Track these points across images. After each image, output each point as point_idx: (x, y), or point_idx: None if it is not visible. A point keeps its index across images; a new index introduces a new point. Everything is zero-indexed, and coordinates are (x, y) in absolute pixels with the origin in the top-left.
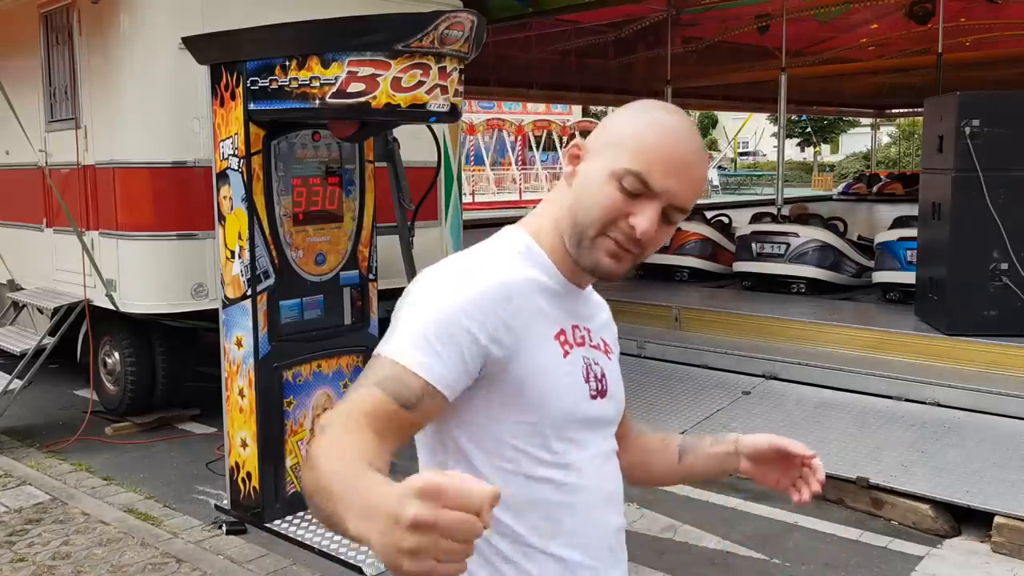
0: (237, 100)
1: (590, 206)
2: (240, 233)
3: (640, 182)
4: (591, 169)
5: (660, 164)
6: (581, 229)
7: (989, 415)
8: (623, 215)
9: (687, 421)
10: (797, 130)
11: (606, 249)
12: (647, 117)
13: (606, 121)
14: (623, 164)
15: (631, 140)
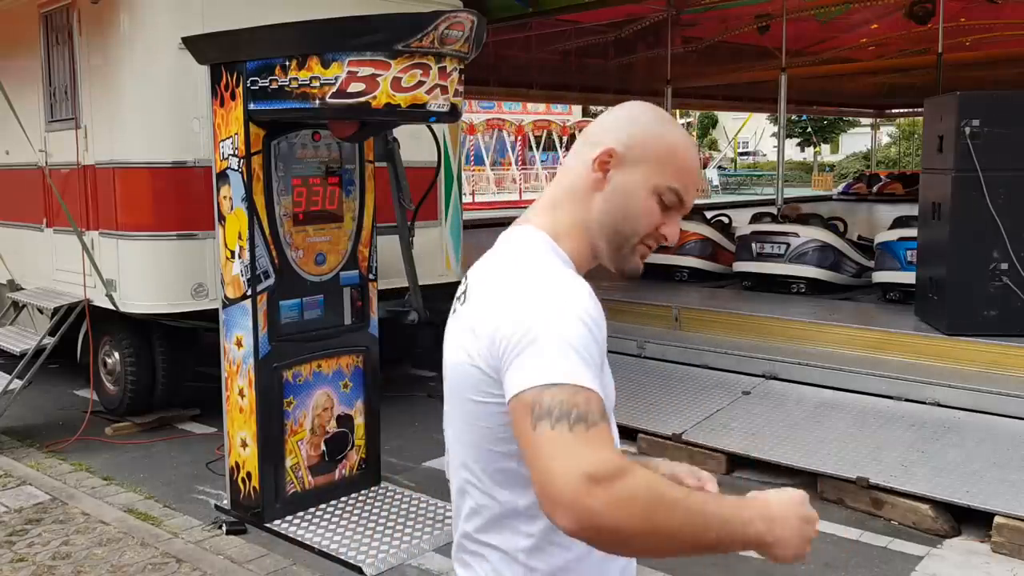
0: (237, 100)
1: (635, 217)
2: (240, 233)
3: (678, 198)
4: (630, 180)
5: (692, 183)
6: (624, 238)
7: (989, 415)
8: (658, 225)
9: (687, 421)
10: (797, 130)
11: (641, 254)
12: (676, 133)
13: (632, 130)
14: (667, 182)
15: (672, 159)
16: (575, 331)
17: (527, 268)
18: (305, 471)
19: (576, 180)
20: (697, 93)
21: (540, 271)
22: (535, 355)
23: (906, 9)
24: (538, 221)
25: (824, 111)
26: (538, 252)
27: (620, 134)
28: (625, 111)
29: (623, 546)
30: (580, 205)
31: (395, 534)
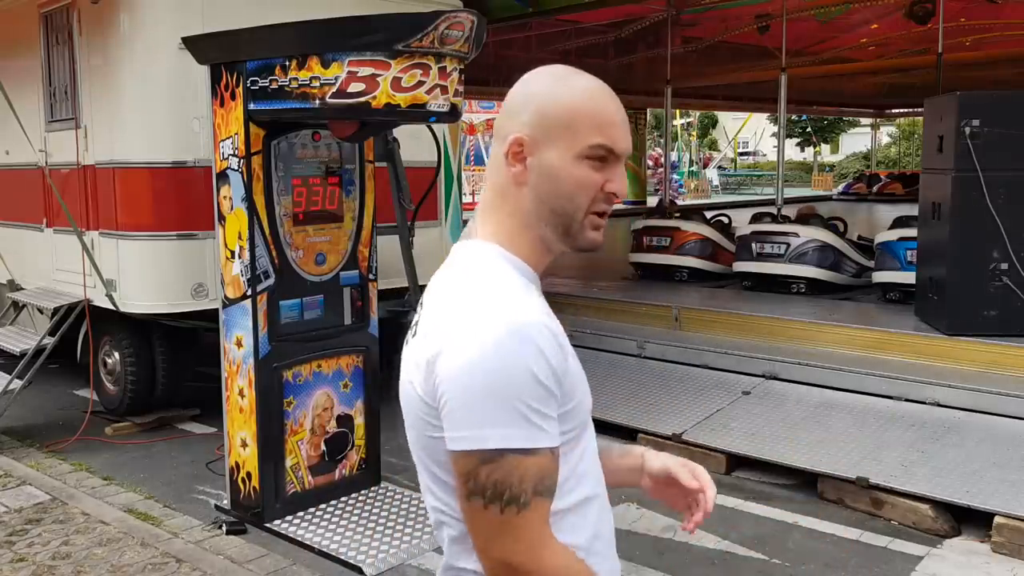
0: (237, 100)
1: (571, 193)
2: (240, 233)
3: (606, 151)
4: (550, 160)
5: (614, 128)
6: (568, 218)
7: (989, 415)
8: (600, 187)
9: (687, 421)
10: (797, 130)
11: (593, 225)
12: (575, 89)
13: (531, 107)
14: (587, 142)
15: (581, 117)
16: (519, 381)
17: (473, 299)
18: (305, 471)
19: (500, 180)
20: (697, 93)
21: (487, 302)
22: (474, 410)
23: (906, 9)
24: (484, 231)
25: (824, 111)
26: (487, 274)
27: (521, 117)
28: (519, 88)
29: None
30: (513, 204)
31: (395, 534)
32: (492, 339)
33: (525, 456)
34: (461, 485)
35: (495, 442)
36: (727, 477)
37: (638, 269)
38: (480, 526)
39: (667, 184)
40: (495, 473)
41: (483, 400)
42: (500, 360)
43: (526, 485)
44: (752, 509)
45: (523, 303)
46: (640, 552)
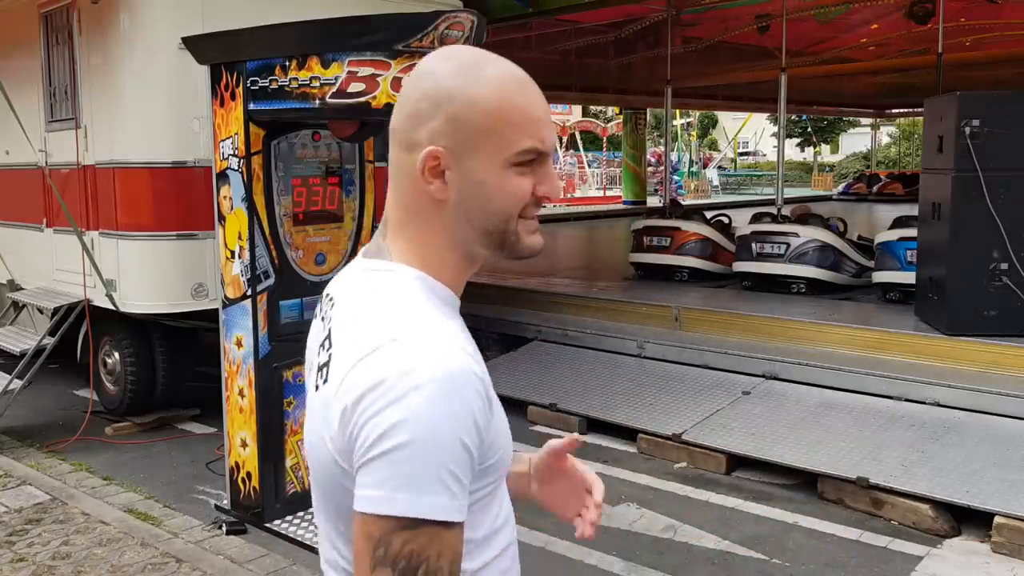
0: (237, 100)
1: (501, 204)
2: (240, 233)
3: (534, 153)
4: (474, 171)
5: (541, 125)
6: (500, 231)
7: (989, 415)
8: (530, 191)
9: (687, 421)
10: (797, 130)
11: (528, 230)
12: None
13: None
14: (515, 147)
15: (507, 119)
16: (450, 442)
17: (395, 347)
18: (305, 471)
19: (412, 197)
20: (697, 93)
21: (411, 351)
22: (397, 472)
23: (906, 9)
24: (397, 253)
25: (824, 111)
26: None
27: (433, 123)
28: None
29: None
30: (432, 222)
31: None
32: (420, 396)
33: (445, 530)
34: (367, 551)
35: (417, 510)
36: (727, 477)
37: (638, 269)
38: None
39: (668, 184)
40: (411, 543)
41: (409, 463)
42: (428, 420)
43: (443, 562)
44: (752, 509)
45: (451, 349)
46: (640, 552)
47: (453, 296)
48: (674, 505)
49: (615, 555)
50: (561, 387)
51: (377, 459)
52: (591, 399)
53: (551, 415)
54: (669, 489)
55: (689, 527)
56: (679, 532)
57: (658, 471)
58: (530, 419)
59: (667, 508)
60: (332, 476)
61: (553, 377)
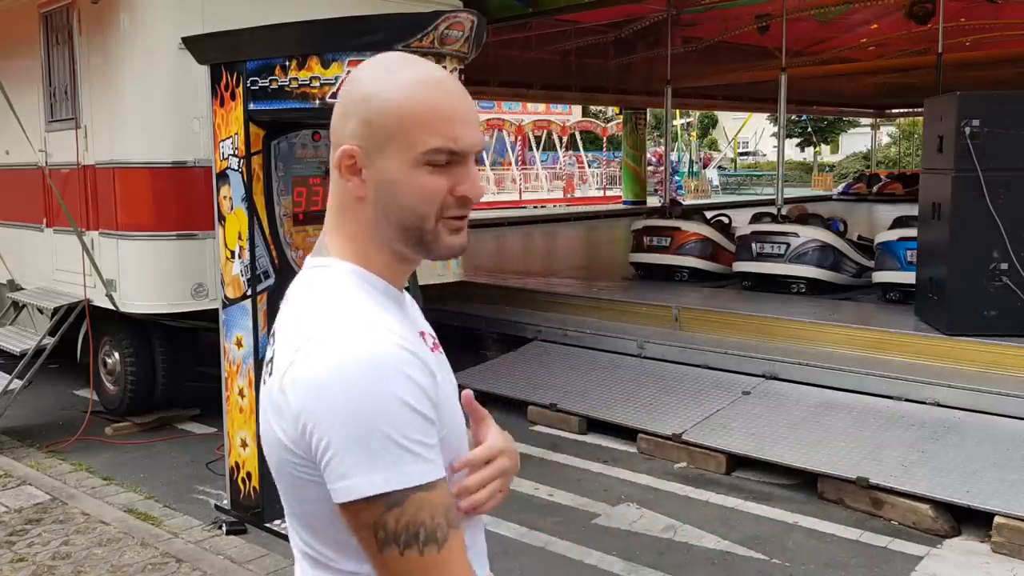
0: (237, 100)
1: (414, 204)
2: (240, 233)
3: (448, 153)
4: (386, 170)
5: (452, 125)
6: (416, 229)
7: (989, 415)
8: (448, 191)
9: (687, 421)
10: (797, 130)
11: (449, 230)
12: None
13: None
14: (425, 147)
15: (410, 119)
16: (395, 410)
17: (328, 335)
18: None
19: (340, 194)
20: (697, 93)
21: (342, 337)
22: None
23: (906, 9)
24: (334, 249)
25: (824, 111)
26: (340, 302)
27: (351, 124)
28: (348, 87)
29: None
30: (357, 219)
31: None
32: (355, 377)
33: (428, 491)
34: (370, 537)
35: (396, 483)
36: (727, 477)
37: (638, 269)
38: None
39: (668, 184)
40: (404, 516)
41: (367, 442)
42: (370, 398)
43: (439, 520)
44: (752, 509)
45: (377, 330)
46: (640, 552)
47: (390, 287)
48: (674, 505)
49: (615, 555)
50: (561, 387)
51: (339, 453)
52: (591, 399)
53: (551, 415)
54: (669, 489)
55: (689, 527)
56: (679, 532)
57: (658, 471)
58: (530, 419)
59: (667, 508)
60: (285, 462)
61: (553, 377)
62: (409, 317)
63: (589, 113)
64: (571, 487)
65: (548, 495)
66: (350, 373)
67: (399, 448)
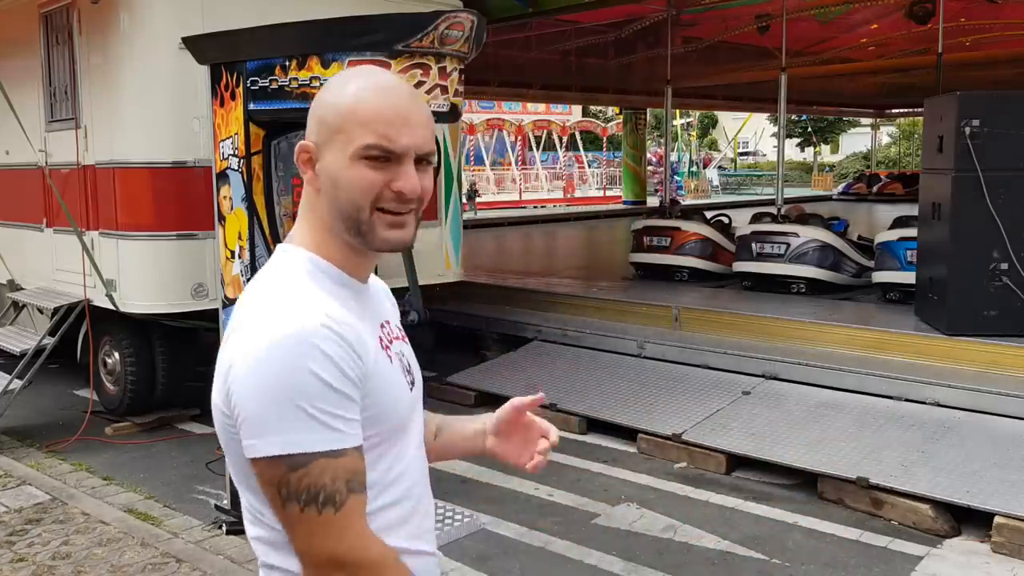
0: (237, 100)
1: (349, 194)
2: (240, 233)
3: (381, 150)
4: (330, 163)
5: (389, 127)
6: (353, 219)
7: (989, 415)
8: (384, 186)
9: (687, 421)
10: (797, 130)
11: (386, 223)
12: (351, 90)
13: (314, 115)
14: (358, 143)
15: (351, 118)
16: (306, 383)
17: (262, 309)
18: None
19: (305, 188)
20: (697, 93)
21: (272, 312)
22: (269, 419)
23: (906, 9)
24: (298, 237)
25: (824, 111)
26: (283, 282)
27: (311, 124)
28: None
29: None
30: (315, 209)
31: None
32: (275, 351)
33: (333, 458)
34: (274, 493)
35: (298, 446)
36: (727, 477)
37: (638, 269)
38: (300, 529)
39: (668, 184)
40: (306, 478)
41: (277, 408)
42: (287, 372)
43: (339, 484)
44: (752, 509)
45: (307, 308)
46: (640, 552)
47: (342, 274)
48: (674, 505)
49: (615, 555)
50: (561, 387)
51: (251, 412)
52: (591, 399)
53: (551, 415)
54: (669, 489)
55: (689, 527)
56: (679, 532)
57: (658, 471)
58: None
59: (667, 508)
60: (221, 424)
61: (553, 377)
62: (369, 307)
63: (589, 113)
64: (571, 487)
65: (548, 495)
66: (272, 348)
67: (308, 417)
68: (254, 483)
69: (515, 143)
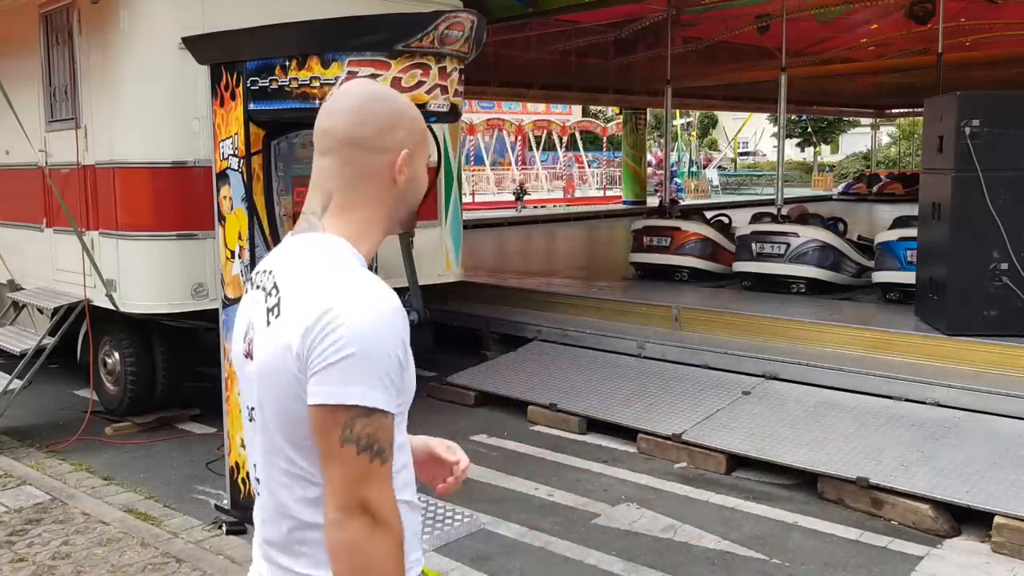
0: (237, 100)
1: (420, 190)
2: (240, 233)
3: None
4: (417, 168)
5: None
6: (413, 209)
7: (989, 415)
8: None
9: (687, 421)
10: (797, 130)
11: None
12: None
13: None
14: (429, 151)
15: (424, 134)
16: (388, 354)
17: (353, 282)
18: None
19: (369, 186)
20: (697, 93)
21: (366, 286)
22: (357, 372)
23: (906, 9)
24: (333, 228)
25: (824, 111)
26: (352, 263)
27: (398, 134)
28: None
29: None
30: (380, 204)
31: None
32: (378, 316)
33: (386, 417)
34: (335, 433)
35: (372, 401)
36: (727, 477)
37: (638, 269)
38: (348, 469)
39: (667, 184)
40: (368, 427)
41: (367, 365)
42: (382, 334)
43: (387, 443)
44: (752, 509)
45: (388, 290)
46: (640, 552)
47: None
48: (674, 505)
49: (615, 555)
50: (561, 387)
51: (335, 364)
52: (591, 399)
53: (551, 415)
54: (669, 489)
55: (689, 527)
56: (679, 532)
57: (658, 471)
58: (530, 419)
59: (667, 508)
60: (290, 387)
61: (553, 377)
62: None
63: (589, 113)
64: (571, 487)
65: (548, 495)
66: (378, 318)
67: (378, 379)
68: (307, 441)
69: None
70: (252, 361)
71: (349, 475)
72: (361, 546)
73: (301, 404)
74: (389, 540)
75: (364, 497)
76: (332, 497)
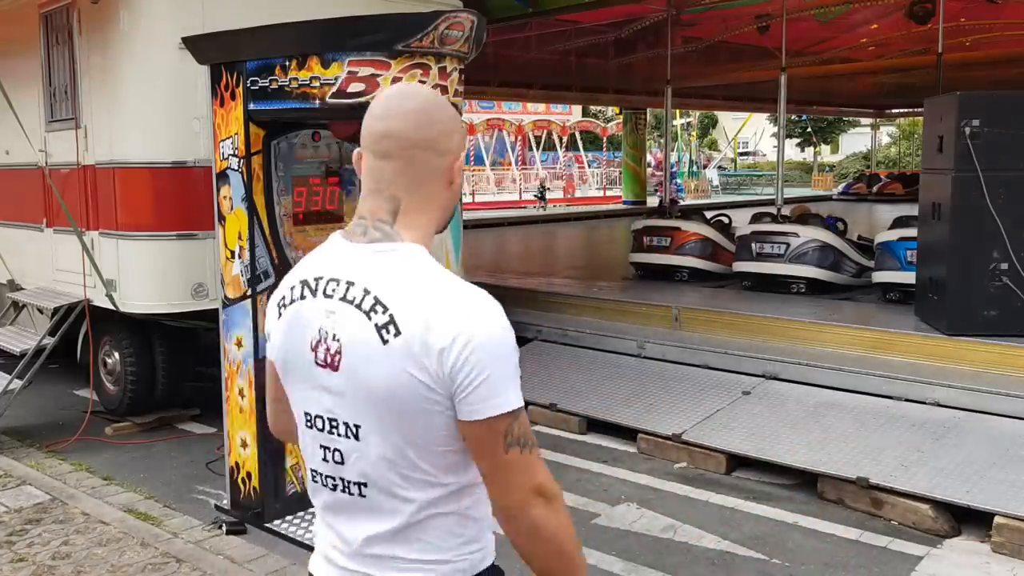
0: (237, 100)
1: (460, 193)
2: (240, 233)
3: None
4: (462, 171)
5: None
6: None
7: (989, 415)
8: None
9: (687, 421)
10: (797, 130)
11: None
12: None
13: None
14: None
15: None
16: (513, 354)
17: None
18: (305, 471)
19: (432, 189)
20: (697, 93)
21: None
22: (504, 380)
23: (906, 9)
24: (409, 235)
25: (824, 111)
26: (446, 273)
27: (455, 138)
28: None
29: (551, 549)
30: (436, 207)
31: None
32: (502, 327)
33: (524, 409)
34: (499, 444)
35: (517, 403)
36: (727, 477)
37: (638, 269)
38: (518, 467)
39: (667, 184)
40: (521, 426)
41: (508, 372)
42: (509, 340)
43: (531, 433)
44: (752, 509)
45: (490, 296)
46: (640, 552)
47: None
48: (674, 505)
49: (615, 555)
50: (561, 387)
51: (484, 382)
52: (591, 399)
53: (551, 415)
54: (669, 489)
55: (689, 527)
56: (679, 532)
57: (658, 471)
58: (530, 419)
59: (667, 508)
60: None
61: (553, 377)
62: None
63: (589, 113)
64: (571, 487)
65: None
66: (504, 330)
67: (516, 381)
68: (437, 448)
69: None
70: (340, 373)
71: (521, 473)
72: (549, 523)
73: (437, 417)
74: (562, 509)
75: (536, 484)
76: (509, 497)
